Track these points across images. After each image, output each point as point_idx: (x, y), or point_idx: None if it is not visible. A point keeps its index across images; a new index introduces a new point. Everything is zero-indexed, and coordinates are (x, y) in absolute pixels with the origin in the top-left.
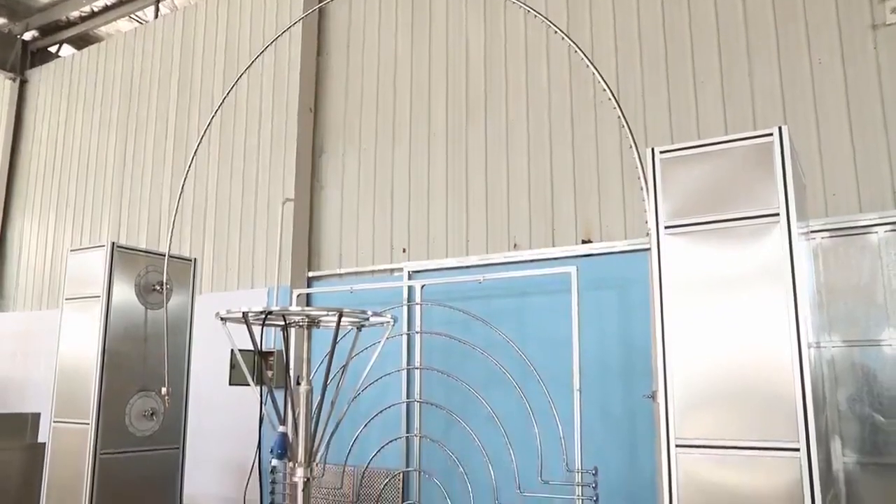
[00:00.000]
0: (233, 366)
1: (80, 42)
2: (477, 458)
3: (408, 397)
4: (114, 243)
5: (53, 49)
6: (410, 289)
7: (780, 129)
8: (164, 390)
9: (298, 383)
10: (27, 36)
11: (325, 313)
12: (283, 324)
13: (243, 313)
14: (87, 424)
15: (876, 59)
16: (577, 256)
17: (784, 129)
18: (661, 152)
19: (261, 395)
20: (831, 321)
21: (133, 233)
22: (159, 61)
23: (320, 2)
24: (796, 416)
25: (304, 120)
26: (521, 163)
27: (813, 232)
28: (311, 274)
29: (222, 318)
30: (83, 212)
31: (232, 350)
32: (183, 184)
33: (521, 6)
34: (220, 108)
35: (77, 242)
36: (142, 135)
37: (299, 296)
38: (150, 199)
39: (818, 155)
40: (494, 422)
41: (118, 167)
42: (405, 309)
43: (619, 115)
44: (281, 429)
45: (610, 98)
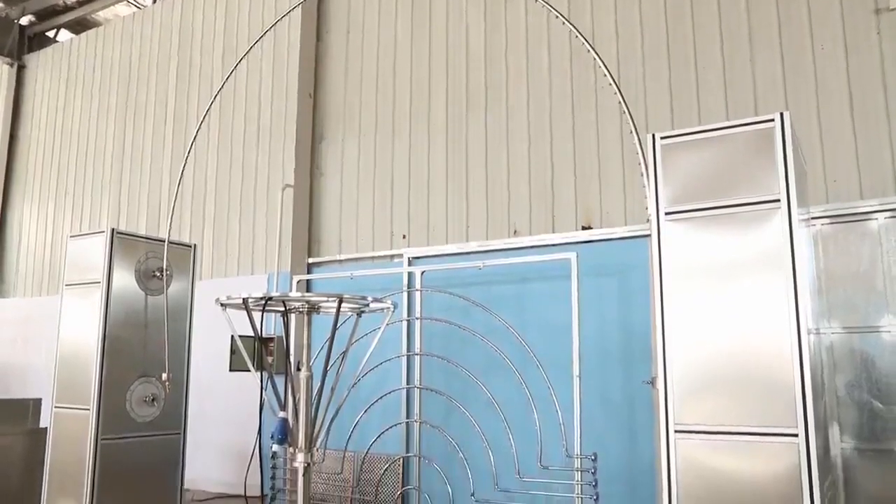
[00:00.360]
0: (233, 352)
1: (78, 27)
2: (477, 444)
3: (408, 383)
4: (113, 229)
5: (51, 34)
6: (410, 275)
7: (781, 115)
8: (164, 376)
9: (299, 369)
10: (24, 21)
11: (326, 299)
12: (283, 310)
13: (243, 299)
14: (88, 410)
15: (879, 45)
16: (577, 243)
17: (785, 115)
18: (661, 138)
19: (261, 381)
20: (831, 307)
21: (133, 219)
22: (158, 46)
23: None
24: (795, 403)
25: (303, 105)
26: (522, 149)
27: (813, 218)
28: (311, 260)
29: (222, 304)
30: (83, 197)
31: (232, 336)
32: (182, 169)
33: None
34: (219, 93)
35: (77, 228)
36: (141, 120)
37: (299, 282)
38: (150, 185)
39: (819, 141)
40: (494, 408)
41: (117, 153)
42: (405, 295)
43: (620, 101)
44: (281, 414)
45: (611, 83)
